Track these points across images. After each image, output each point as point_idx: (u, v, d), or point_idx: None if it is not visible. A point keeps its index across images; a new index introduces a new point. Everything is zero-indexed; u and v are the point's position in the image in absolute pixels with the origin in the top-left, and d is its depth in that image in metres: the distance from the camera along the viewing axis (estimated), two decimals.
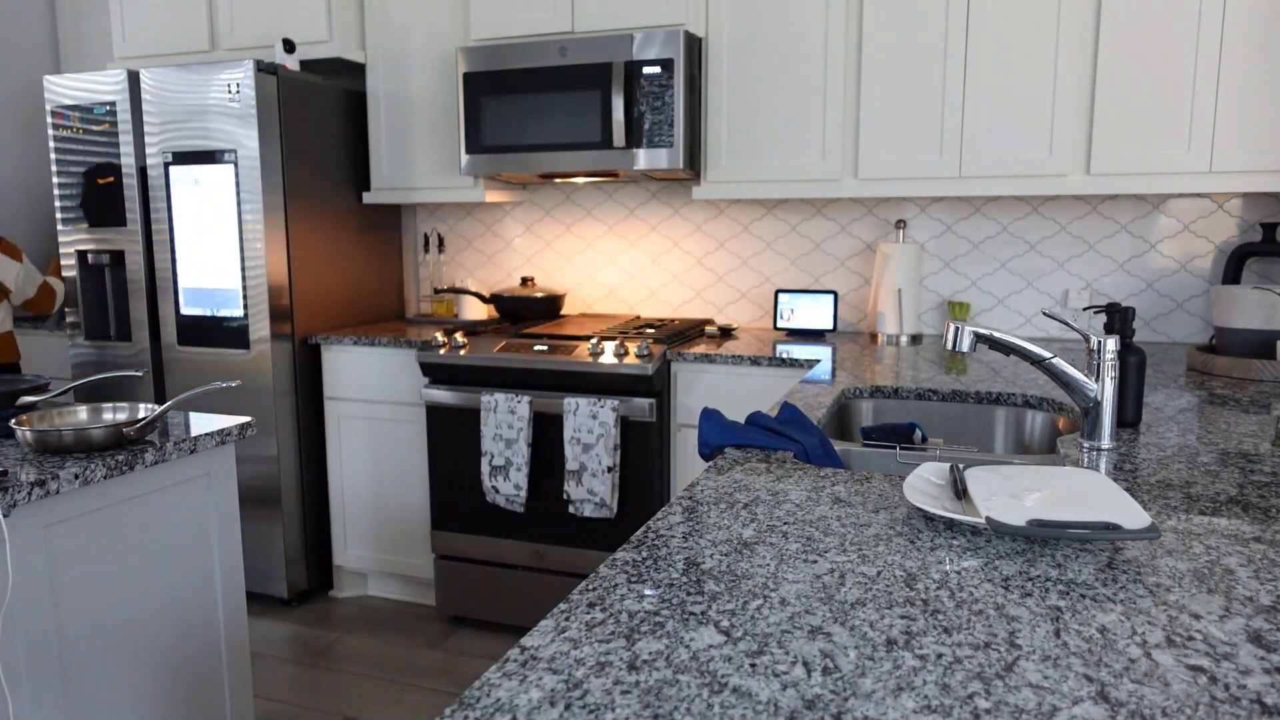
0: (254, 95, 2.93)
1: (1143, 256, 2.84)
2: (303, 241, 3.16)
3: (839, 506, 1.18)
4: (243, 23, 3.34)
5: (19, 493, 1.42)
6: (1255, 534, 1.07)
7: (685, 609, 0.87)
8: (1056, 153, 2.57)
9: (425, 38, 3.22)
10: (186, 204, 3.07)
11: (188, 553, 1.81)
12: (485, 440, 2.81)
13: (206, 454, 1.83)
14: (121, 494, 1.64)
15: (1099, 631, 0.82)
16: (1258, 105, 2.39)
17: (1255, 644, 0.79)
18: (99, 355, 3.31)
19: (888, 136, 2.73)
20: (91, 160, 3.18)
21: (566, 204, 3.49)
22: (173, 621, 1.78)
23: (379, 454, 3.16)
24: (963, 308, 2.98)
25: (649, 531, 1.09)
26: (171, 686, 1.79)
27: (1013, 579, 0.94)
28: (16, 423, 1.62)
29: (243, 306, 3.05)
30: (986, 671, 0.75)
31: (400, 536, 3.17)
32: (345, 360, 3.16)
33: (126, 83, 3.08)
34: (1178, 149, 2.47)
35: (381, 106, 3.32)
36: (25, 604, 1.48)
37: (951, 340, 1.53)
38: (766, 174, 2.86)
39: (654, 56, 2.78)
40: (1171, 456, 1.44)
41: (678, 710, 0.69)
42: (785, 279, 3.23)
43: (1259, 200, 2.72)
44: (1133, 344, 1.65)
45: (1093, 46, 2.52)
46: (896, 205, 3.07)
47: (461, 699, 0.71)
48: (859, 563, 0.99)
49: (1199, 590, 0.91)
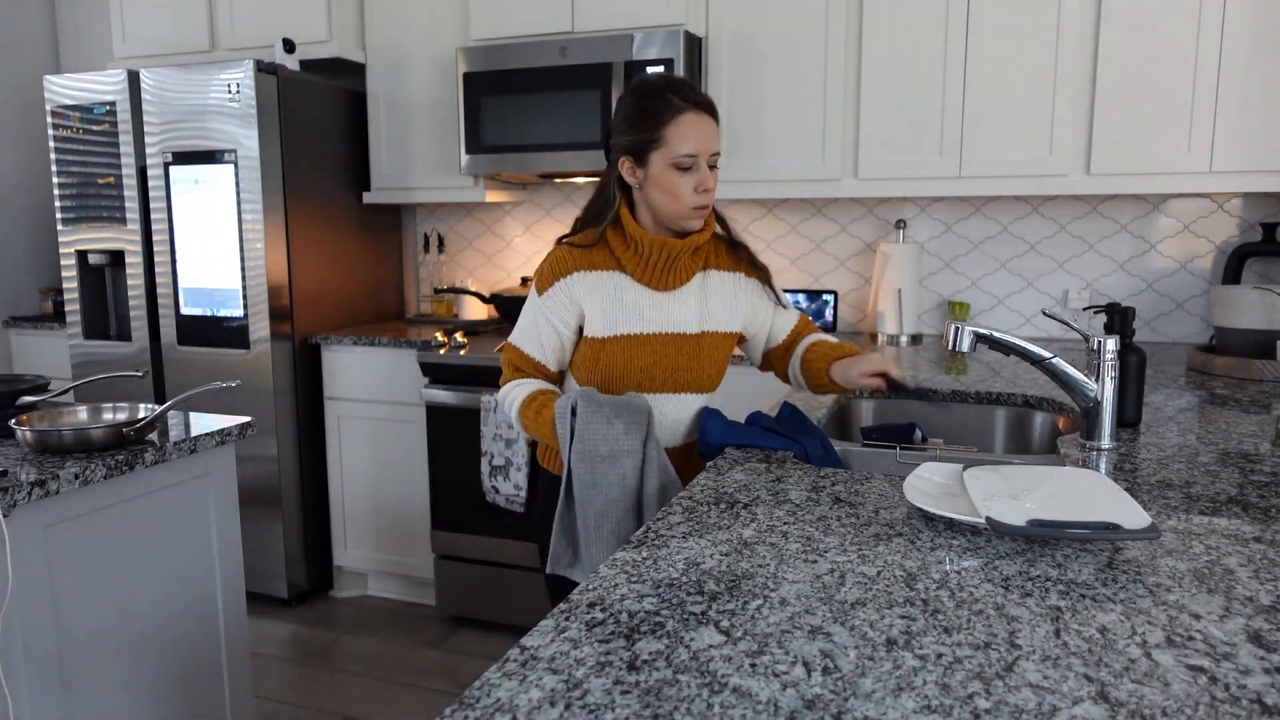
0: (254, 95, 2.93)
1: (1143, 256, 2.84)
2: (303, 241, 3.16)
3: (839, 506, 1.18)
4: (243, 23, 3.34)
5: (19, 493, 1.42)
6: (1255, 534, 1.07)
7: (685, 609, 0.87)
8: (1056, 153, 2.57)
9: (425, 38, 3.22)
10: (186, 204, 3.07)
11: (188, 553, 1.81)
12: (485, 440, 2.81)
13: (206, 454, 1.83)
14: (121, 494, 1.64)
15: (1099, 631, 0.82)
16: (1258, 105, 2.39)
17: (1255, 644, 0.79)
18: (99, 355, 3.31)
19: (888, 136, 2.73)
20: (91, 160, 3.18)
21: (566, 204, 3.49)
22: (173, 621, 1.78)
23: (379, 454, 3.16)
24: (963, 308, 2.98)
25: (649, 531, 1.09)
26: (171, 686, 1.79)
27: (1013, 579, 0.94)
28: (16, 423, 1.62)
29: (243, 306, 3.04)
30: (986, 671, 0.75)
31: (400, 536, 3.17)
32: (345, 360, 3.15)
33: (126, 83, 3.08)
34: (1178, 149, 2.47)
35: (381, 106, 3.32)
36: (25, 604, 1.48)
37: (951, 340, 1.53)
38: (766, 174, 2.85)
39: (654, 56, 2.78)
40: (1171, 456, 1.44)
41: (678, 710, 0.69)
42: (785, 279, 3.23)
43: (1259, 200, 2.72)
44: (1133, 344, 1.65)
45: (1093, 46, 2.52)
46: (896, 205, 3.07)
47: (461, 699, 0.71)
48: (859, 563, 0.99)
49: (1199, 590, 0.91)
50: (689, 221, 1.53)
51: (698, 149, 1.48)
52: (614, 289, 1.55)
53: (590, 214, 1.61)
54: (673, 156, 1.48)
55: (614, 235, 1.56)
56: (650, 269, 1.55)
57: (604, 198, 1.58)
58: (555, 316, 1.55)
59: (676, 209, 1.51)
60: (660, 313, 1.56)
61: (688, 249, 1.55)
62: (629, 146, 1.51)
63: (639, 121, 1.50)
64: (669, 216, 1.52)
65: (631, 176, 1.53)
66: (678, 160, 1.48)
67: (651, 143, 1.49)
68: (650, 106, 1.49)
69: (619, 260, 1.55)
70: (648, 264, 1.55)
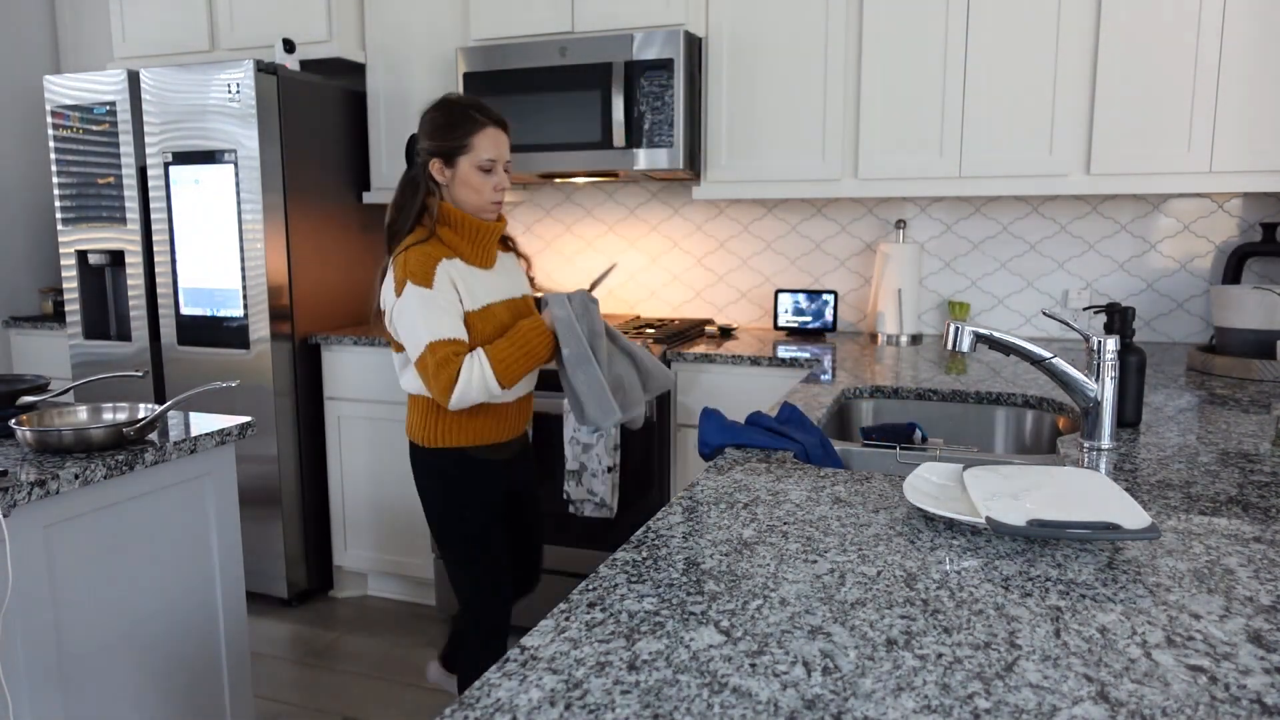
0: (254, 95, 2.93)
1: (1143, 256, 2.84)
2: (303, 241, 3.16)
3: (839, 506, 1.18)
4: (243, 23, 3.34)
5: (19, 493, 1.42)
6: (1255, 534, 1.07)
7: (685, 609, 0.87)
8: (1056, 153, 2.57)
9: (425, 38, 3.22)
10: (186, 204, 3.07)
11: (188, 553, 1.81)
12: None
13: (206, 454, 1.83)
14: (121, 494, 1.64)
15: (1099, 631, 0.82)
16: (1258, 105, 2.39)
17: (1255, 644, 0.79)
18: (99, 355, 3.31)
19: (888, 136, 2.73)
20: (91, 160, 3.18)
21: (566, 204, 3.49)
22: (173, 621, 1.78)
23: (379, 454, 3.16)
24: (963, 308, 2.98)
25: (649, 531, 1.09)
26: (171, 686, 1.79)
27: (1013, 579, 0.94)
28: (16, 423, 1.62)
29: (243, 306, 3.04)
30: (986, 671, 0.75)
31: (400, 536, 3.17)
32: (345, 360, 3.15)
33: (126, 83, 3.08)
34: (1178, 149, 2.47)
35: (381, 106, 3.32)
36: (25, 604, 1.48)
37: (951, 340, 1.53)
38: (766, 174, 2.86)
39: (654, 56, 2.78)
40: (1171, 456, 1.44)
41: (678, 710, 0.69)
42: (785, 279, 3.23)
43: (1259, 200, 2.72)
44: (1133, 344, 1.65)
45: (1093, 46, 2.52)
46: (896, 205, 3.07)
47: (461, 699, 0.71)
48: (859, 563, 0.99)
49: (1199, 590, 0.91)
50: (488, 214, 1.92)
51: (497, 156, 1.88)
52: (464, 270, 1.88)
53: (407, 214, 1.90)
54: (478, 160, 1.86)
55: (443, 230, 1.88)
56: (478, 249, 1.92)
57: (418, 196, 1.89)
58: (451, 295, 1.83)
59: (478, 203, 1.89)
60: (495, 284, 1.94)
61: (499, 231, 1.96)
62: (439, 150, 1.87)
63: (449, 131, 1.86)
64: (472, 209, 1.90)
65: (440, 175, 1.88)
66: (481, 163, 1.86)
67: (461, 148, 1.86)
68: (458, 119, 1.87)
69: (453, 248, 1.89)
70: (476, 244, 1.91)
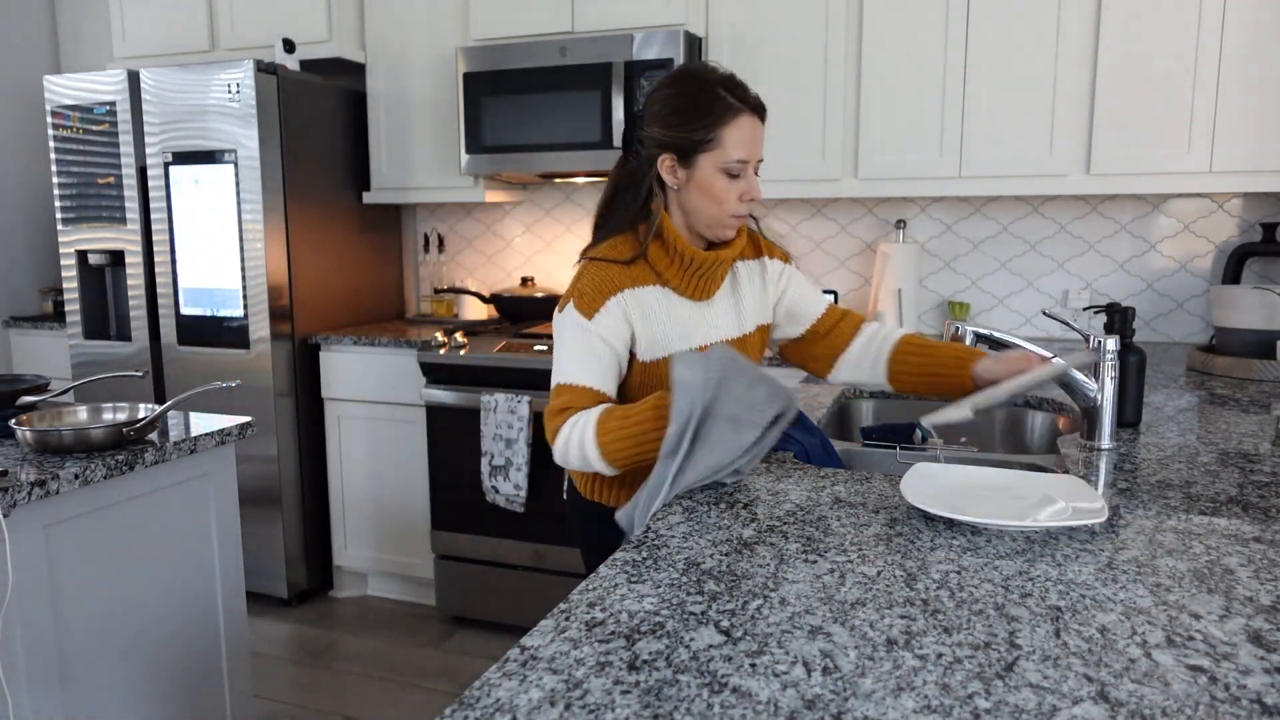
0: (254, 95, 2.93)
1: (1143, 256, 2.84)
2: (303, 241, 3.16)
3: (839, 506, 1.18)
4: (243, 23, 3.34)
5: (19, 493, 1.42)
6: (1255, 534, 1.07)
7: (685, 609, 0.87)
8: (1056, 153, 2.57)
9: (425, 38, 3.22)
10: (186, 204, 3.07)
11: (188, 553, 1.81)
12: (485, 440, 2.81)
13: (206, 454, 1.83)
14: (121, 494, 1.64)
15: (1099, 631, 0.82)
16: (1258, 105, 2.39)
17: (1255, 644, 0.79)
18: (99, 355, 3.31)
19: (888, 136, 2.72)
20: (91, 160, 3.18)
21: (566, 204, 3.49)
22: (173, 621, 1.78)
23: (379, 454, 3.16)
24: (963, 308, 2.98)
25: (649, 531, 1.09)
26: (171, 686, 1.79)
27: (1013, 579, 0.94)
28: (16, 423, 1.62)
29: (242, 306, 3.04)
30: (986, 671, 0.75)
31: (400, 536, 3.17)
32: (345, 360, 3.15)
33: (126, 83, 3.08)
34: (1178, 149, 2.47)
35: (381, 106, 3.32)
36: (25, 604, 1.48)
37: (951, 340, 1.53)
38: (766, 173, 2.85)
39: (654, 57, 2.78)
40: (1171, 456, 1.44)
41: (678, 710, 0.69)
42: None
43: (1259, 200, 2.72)
44: (1133, 344, 1.65)
45: (1093, 46, 2.52)
46: (896, 205, 3.07)
47: (461, 699, 0.71)
48: (859, 563, 0.99)
49: (1199, 590, 0.91)
50: (726, 230, 1.42)
51: (749, 155, 1.38)
52: (659, 306, 1.42)
53: (620, 217, 1.45)
54: (724, 161, 1.36)
55: (655, 247, 1.42)
56: (693, 280, 1.44)
57: (638, 198, 1.43)
58: (614, 337, 1.39)
59: (717, 215, 1.40)
60: (703, 323, 1.46)
61: (730, 260, 1.46)
62: (673, 143, 1.37)
63: (691, 117, 1.35)
64: (706, 223, 1.42)
65: (672, 176, 1.40)
66: (729, 166, 1.36)
67: (703, 143, 1.36)
68: (705, 103, 1.36)
69: (658, 273, 1.43)
70: (693, 276, 1.44)
